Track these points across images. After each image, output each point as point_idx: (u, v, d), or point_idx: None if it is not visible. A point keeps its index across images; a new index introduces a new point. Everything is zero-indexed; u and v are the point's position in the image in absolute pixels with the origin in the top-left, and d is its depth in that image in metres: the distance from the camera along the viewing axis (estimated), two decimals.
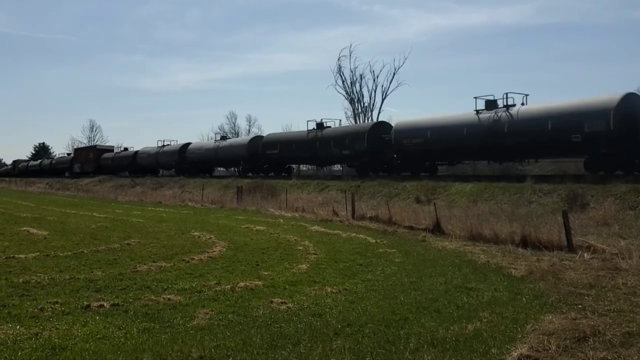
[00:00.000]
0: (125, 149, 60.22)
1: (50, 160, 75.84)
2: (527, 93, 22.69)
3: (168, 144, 47.83)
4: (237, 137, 59.93)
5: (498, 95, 23.33)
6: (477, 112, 23.38)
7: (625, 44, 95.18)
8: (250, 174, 37.22)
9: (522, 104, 22.49)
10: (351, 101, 55.69)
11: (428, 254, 10.59)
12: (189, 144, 45.18)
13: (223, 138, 44.22)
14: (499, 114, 22.32)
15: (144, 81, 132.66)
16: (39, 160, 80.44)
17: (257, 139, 38.53)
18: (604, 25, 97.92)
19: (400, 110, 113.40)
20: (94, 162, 57.32)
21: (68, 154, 70.36)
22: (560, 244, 10.67)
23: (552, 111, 20.69)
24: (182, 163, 43.46)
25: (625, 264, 8.70)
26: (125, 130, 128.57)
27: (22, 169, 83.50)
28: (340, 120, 36.16)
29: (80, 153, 63.61)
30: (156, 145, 48.87)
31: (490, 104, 23.21)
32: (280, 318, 5.95)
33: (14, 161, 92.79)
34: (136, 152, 52.09)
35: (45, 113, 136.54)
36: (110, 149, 61.39)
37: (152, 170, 49.61)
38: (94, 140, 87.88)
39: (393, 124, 28.91)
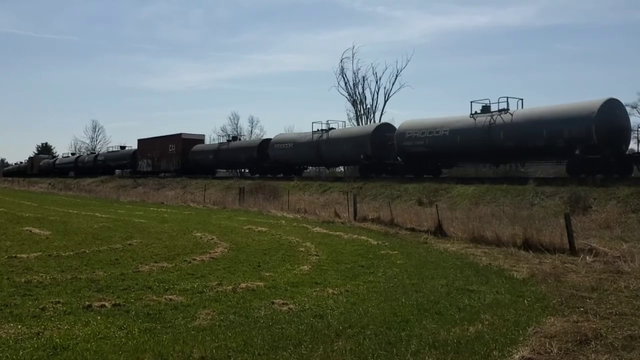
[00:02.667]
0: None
1: (92, 154, 64.45)
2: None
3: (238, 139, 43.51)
4: (240, 138, 57.94)
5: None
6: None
7: (630, 45, 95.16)
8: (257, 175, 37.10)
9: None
10: (354, 103, 55.72)
11: (430, 256, 10.58)
12: (269, 140, 37.50)
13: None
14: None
15: (147, 81, 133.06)
16: (75, 156, 69.36)
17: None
18: (608, 27, 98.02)
19: (402, 112, 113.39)
20: (177, 157, 45.04)
21: (116, 149, 57.69)
22: (562, 247, 10.65)
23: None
24: (262, 161, 36.54)
25: (628, 267, 8.68)
26: (128, 130, 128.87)
27: (45, 166, 73.13)
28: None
29: (151, 145, 49.11)
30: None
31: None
32: (281, 319, 5.94)
33: (31, 158, 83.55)
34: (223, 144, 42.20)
35: (48, 113, 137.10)
36: (200, 139, 46.88)
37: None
38: (96, 140, 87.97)
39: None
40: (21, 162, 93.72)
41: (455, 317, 6.09)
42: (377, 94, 56.48)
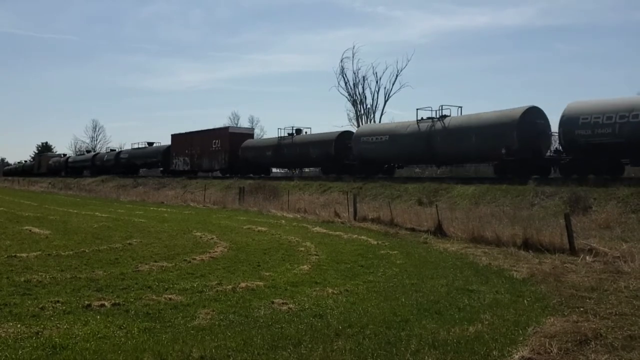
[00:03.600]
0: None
1: (112, 152, 57.49)
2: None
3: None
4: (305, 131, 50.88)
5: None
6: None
7: (630, 45, 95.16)
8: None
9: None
10: (354, 103, 55.69)
11: (429, 256, 10.57)
12: (349, 132, 32.25)
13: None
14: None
15: (148, 81, 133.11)
16: (92, 154, 62.85)
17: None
18: (608, 27, 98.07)
19: (403, 112, 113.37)
20: (224, 154, 38.60)
21: (142, 146, 50.39)
22: (562, 247, 10.65)
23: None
24: (341, 158, 30.33)
25: (628, 267, 8.67)
26: (128, 130, 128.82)
27: (56, 165, 66.48)
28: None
29: (189, 141, 42.74)
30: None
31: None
32: (281, 319, 5.94)
33: (39, 155, 76.85)
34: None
35: (48, 113, 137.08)
36: (249, 133, 41.85)
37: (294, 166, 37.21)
38: (96, 140, 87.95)
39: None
40: (25, 161, 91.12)
41: (455, 317, 6.09)
42: (377, 93, 56.40)
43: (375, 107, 55.35)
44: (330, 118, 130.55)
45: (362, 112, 55.42)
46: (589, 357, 4.77)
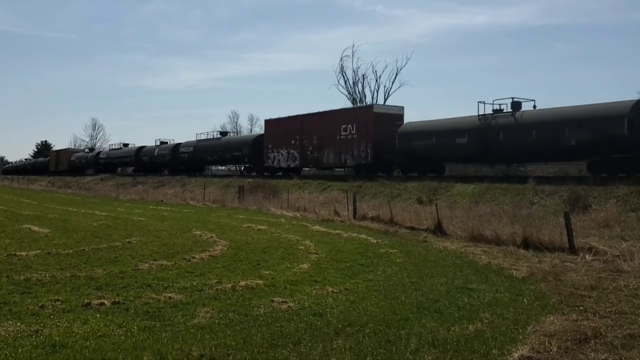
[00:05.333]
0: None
1: (166, 145, 46.47)
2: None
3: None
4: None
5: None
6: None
7: (630, 45, 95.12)
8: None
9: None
10: (353, 101, 55.52)
11: (429, 255, 10.57)
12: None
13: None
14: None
15: (147, 80, 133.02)
16: (134, 147, 51.17)
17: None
18: (609, 26, 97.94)
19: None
20: (364, 144, 27.88)
21: (213, 137, 41.49)
22: (561, 246, 10.65)
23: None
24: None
25: (627, 266, 8.68)
26: (128, 129, 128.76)
27: (81, 162, 57.62)
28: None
29: (299, 126, 32.42)
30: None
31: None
32: (281, 317, 5.94)
33: (57, 151, 66.22)
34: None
35: (48, 112, 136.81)
36: (399, 114, 28.47)
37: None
38: (96, 139, 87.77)
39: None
40: (26, 159, 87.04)
41: (455, 315, 6.09)
42: (377, 92, 55.95)
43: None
44: None
45: None
46: (588, 355, 4.77)
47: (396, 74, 53.97)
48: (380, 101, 54.13)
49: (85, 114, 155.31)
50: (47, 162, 68.17)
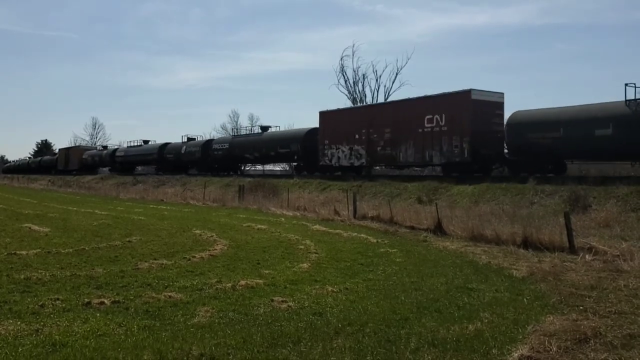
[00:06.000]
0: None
1: (197, 142, 42.68)
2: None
3: None
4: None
5: None
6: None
7: (630, 45, 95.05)
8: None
9: None
10: (353, 101, 55.54)
11: (429, 254, 10.58)
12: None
13: None
14: None
15: (147, 79, 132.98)
16: (157, 144, 47.31)
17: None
18: (609, 26, 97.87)
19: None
20: (455, 137, 23.11)
21: (253, 132, 37.98)
22: (561, 245, 10.65)
23: None
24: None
25: (627, 266, 8.68)
26: (127, 128, 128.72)
27: (95, 160, 54.29)
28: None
29: (366, 118, 27.85)
30: None
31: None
32: (280, 316, 5.94)
33: (66, 149, 62.11)
34: None
35: (48, 111, 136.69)
36: (499, 102, 23.36)
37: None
38: (96, 138, 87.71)
39: None
40: (29, 157, 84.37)
41: (455, 315, 6.09)
42: (377, 92, 55.96)
43: None
44: None
45: None
46: (588, 355, 4.77)
47: (396, 74, 53.98)
48: (381, 100, 53.95)
49: (85, 113, 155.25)
50: (54, 160, 64.81)
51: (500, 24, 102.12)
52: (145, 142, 50.88)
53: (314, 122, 34.08)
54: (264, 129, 36.96)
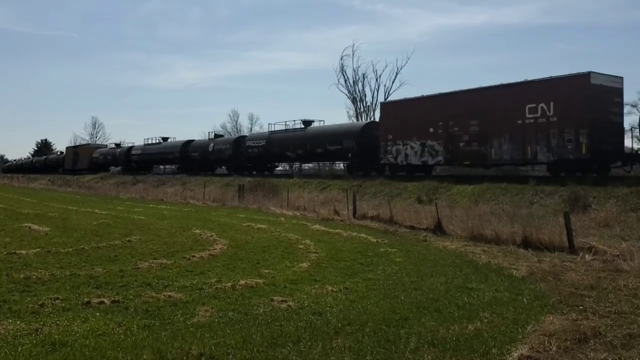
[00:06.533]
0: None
1: (227, 138, 41.06)
2: None
3: None
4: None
5: None
6: None
7: (630, 45, 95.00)
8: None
9: None
10: (353, 100, 55.62)
11: (429, 254, 10.57)
12: None
13: None
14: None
15: (147, 79, 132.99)
16: (180, 142, 44.15)
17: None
18: (609, 26, 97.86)
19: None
20: (572, 130, 19.52)
21: (293, 127, 33.89)
22: (561, 245, 10.65)
23: None
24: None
25: (627, 266, 8.67)
26: (127, 127, 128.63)
27: (106, 159, 51.27)
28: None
29: (442, 108, 24.30)
30: None
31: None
32: (280, 316, 5.94)
33: (74, 147, 59.01)
34: None
35: (48, 110, 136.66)
36: (617, 88, 20.02)
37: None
38: (96, 137, 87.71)
39: None
40: (31, 156, 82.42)
41: (455, 315, 6.09)
42: (377, 91, 56.00)
43: (375, 104, 55.22)
44: (329, 116, 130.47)
45: (362, 109, 55.37)
46: (588, 355, 4.77)
47: (396, 74, 54.02)
48: (381, 100, 53.80)
49: (84, 113, 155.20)
50: (61, 159, 62.20)
51: (500, 23, 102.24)
52: (165, 139, 48.12)
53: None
54: (307, 123, 33.39)
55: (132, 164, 49.13)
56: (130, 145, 52.25)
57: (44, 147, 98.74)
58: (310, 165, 41.98)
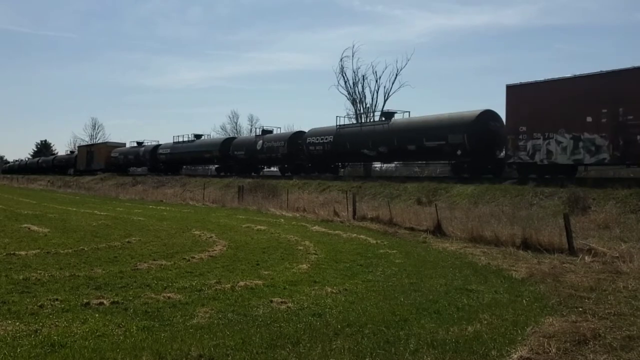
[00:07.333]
0: None
1: (279, 135, 35.85)
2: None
3: None
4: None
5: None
6: None
7: (630, 45, 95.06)
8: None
9: None
10: (353, 102, 55.55)
11: (429, 255, 10.57)
12: None
13: None
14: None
15: (147, 79, 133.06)
16: (220, 139, 41.72)
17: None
18: (609, 27, 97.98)
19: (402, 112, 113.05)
20: None
21: (377, 121, 29.62)
22: (561, 247, 10.65)
23: None
24: None
25: (626, 267, 8.68)
26: (127, 128, 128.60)
27: (126, 160, 47.55)
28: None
29: (622, 84, 18.04)
30: None
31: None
32: (280, 317, 5.94)
33: (87, 146, 55.58)
34: None
35: (47, 111, 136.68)
36: None
37: None
38: (96, 138, 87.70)
39: None
40: (30, 157, 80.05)
41: (454, 316, 6.09)
42: (377, 93, 55.98)
43: (375, 106, 55.16)
44: (329, 117, 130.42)
45: (362, 111, 55.36)
46: (587, 357, 4.77)
47: (396, 75, 53.91)
48: (380, 102, 53.90)
49: (84, 113, 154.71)
50: (72, 159, 58.43)
51: (501, 24, 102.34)
52: (197, 136, 44.29)
53: (314, 123, 33.42)
54: (388, 115, 28.46)
55: (159, 164, 44.86)
56: (155, 143, 47.57)
57: (43, 147, 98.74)
58: (389, 165, 35.43)
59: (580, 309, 6.36)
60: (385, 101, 55.80)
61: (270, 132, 37.15)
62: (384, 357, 4.75)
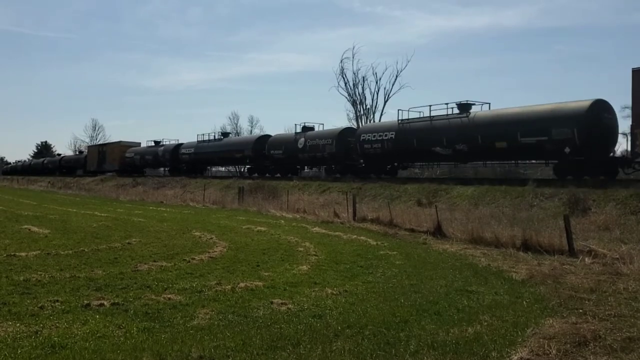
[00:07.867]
0: None
1: (335, 135, 30.01)
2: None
3: None
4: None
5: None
6: None
7: (630, 46, 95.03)
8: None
9: None
10: (353, 103, 55.62)
11: (429, 257, 10.57)
12: None
13: None
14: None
15: (147, 80, 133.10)
16: (254, 136, 38.69)
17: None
18: (609, 28, 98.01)
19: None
20: None
21: (451, 113, 22.95)
22: (561, 248, 10.65)
23: None
24: None
25: (627, 269, 8.68)
26: (127, 128, 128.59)
27: (143, 160, 44.28)
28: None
29: None
30: None
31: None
32: (280, 319, 5.94)
33: (100, 146, 52.29)
34: None
35: (47, 112, 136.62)
36: None
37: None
38: (96, 139, 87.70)
39: None
40: (31, 158, 78.77)
41: (454, 317, 6.09)
42: (377, 94, 55.98)
43: (375, 107, 55.23)
44: (329, 118, 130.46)
45: (362, 112, 55.42)
46: (587, 358, 4.77)
47: (396, 76, 53.96)
48: (381, 103, 53.82)
49: (84, 114, 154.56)
50: (82, 159, 55.48)
51: (501, 26, 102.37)
52: (225, 134, 41.33)
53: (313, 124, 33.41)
54: (465, 107, 23.40)
55: (180, 164, 41.39)
56: (176, 142, 44.09)
57: (44, 148, 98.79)
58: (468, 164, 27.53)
59: (581, 311, 6.36)
60: (385, 102, 55.97)
61: (312, 129, 33.29)
62: (384, 359, 4.75)
